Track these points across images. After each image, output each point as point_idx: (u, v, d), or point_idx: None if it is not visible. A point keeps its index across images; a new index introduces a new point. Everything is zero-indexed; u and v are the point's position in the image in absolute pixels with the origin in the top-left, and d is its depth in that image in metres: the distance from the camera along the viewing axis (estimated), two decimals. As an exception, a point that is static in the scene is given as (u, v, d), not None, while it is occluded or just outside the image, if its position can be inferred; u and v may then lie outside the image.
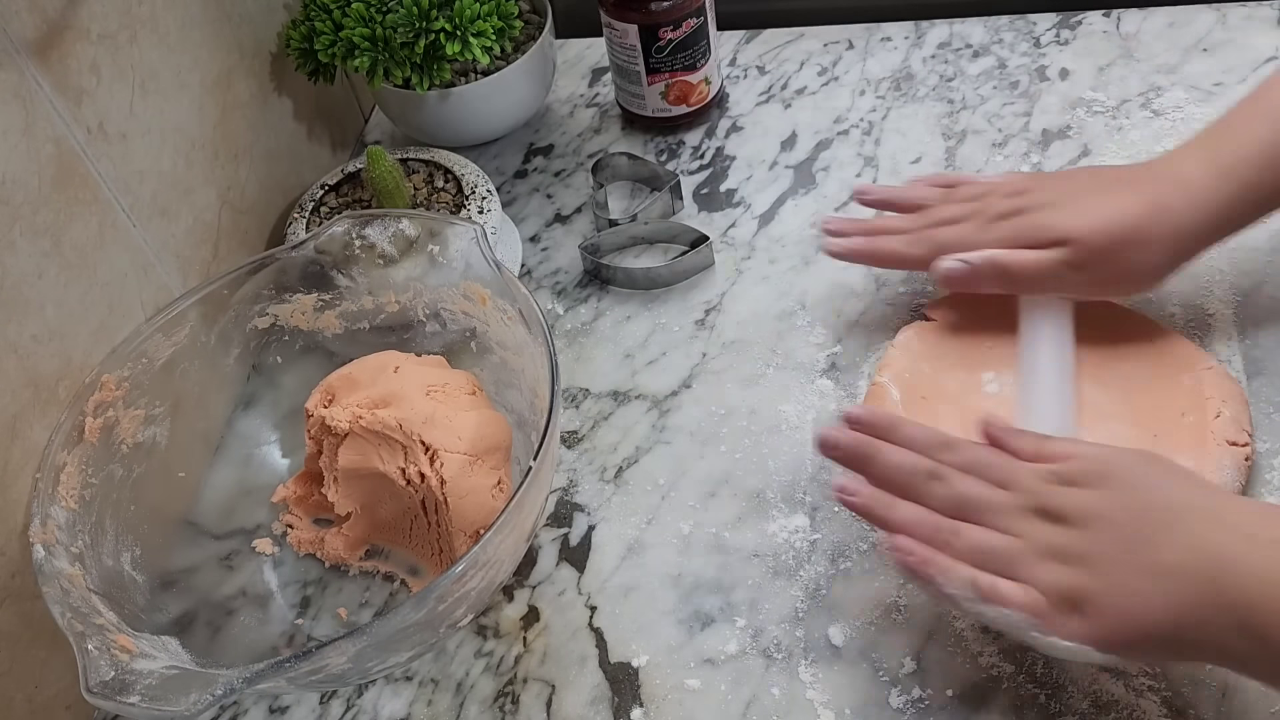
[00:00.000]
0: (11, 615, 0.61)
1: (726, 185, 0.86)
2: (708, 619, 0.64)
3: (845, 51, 0.94)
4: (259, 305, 0.70)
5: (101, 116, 0.66)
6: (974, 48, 0.92)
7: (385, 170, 0.76)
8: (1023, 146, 0.84)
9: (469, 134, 0.90)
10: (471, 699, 0.63)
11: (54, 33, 0.62)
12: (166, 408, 0.66)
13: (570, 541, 0.68)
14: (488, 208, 0.78)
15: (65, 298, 0.64)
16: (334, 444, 0.65)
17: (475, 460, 0.63)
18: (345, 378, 0.67)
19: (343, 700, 0.64)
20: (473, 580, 0.56)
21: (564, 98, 0.96)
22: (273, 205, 0.84)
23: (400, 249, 0.69)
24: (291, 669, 0.50)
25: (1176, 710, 0.57)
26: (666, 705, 0.61)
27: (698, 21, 0.84)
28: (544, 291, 0.81)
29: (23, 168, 0.60)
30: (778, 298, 0.78)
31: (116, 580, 0.60)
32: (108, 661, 0.50)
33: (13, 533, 0.60)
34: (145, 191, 0.70)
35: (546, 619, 0.65)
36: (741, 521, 0.67)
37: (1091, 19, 0.92)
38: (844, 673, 0.60)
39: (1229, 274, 0.72)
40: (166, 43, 0.72)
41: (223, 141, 0.78)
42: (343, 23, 0.80)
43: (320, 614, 0.67)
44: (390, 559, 0.68)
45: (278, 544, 0.69)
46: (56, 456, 0.60)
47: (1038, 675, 0.59)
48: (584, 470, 0.71)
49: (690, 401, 0.73)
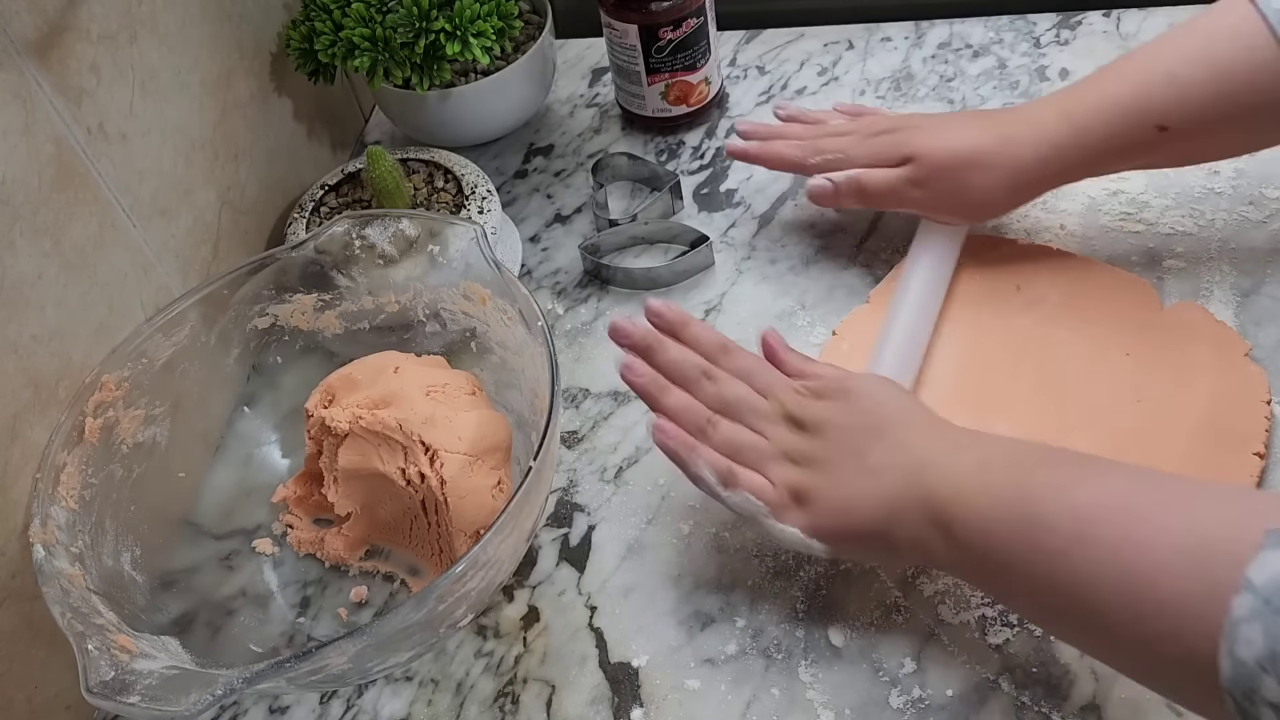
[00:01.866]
0: (11, 615, 0.61)
1: (726, 185, 0.86)
2: (708, 619, 0.64)
3: (845, 51, 0.94)
4: (259, 305, 0.70)
5: (101, 116, 0.66)
6: (974, 48, 0.92)
7: (385, 170, 0.76)
8: (1023, 146, 0.84)
9: (469, 134, 0.90)
10: (471, 699, 0.63)
11: (54, 33, 0.62)
12: (166, 408, 0.66)
13: (570, 541, 0.68)
14: (488, 208, 0.78)
15: (65, 298, 0.64)
16: (334, 444, 0.65)
17: (475, 460, 0.63)
18: (345, 378, 0.67)
19: (343, 700, 0.64)
20: (473, 580, 0.56)
21: (564, 98, 0.96)
22: (273, 205, 0.84)
23: (400, 249, 0.69)
24: (291, 669, 0.50)
25: (1176, 711, 0.57)
26: (666, 705, 0.61)
27: (698, 21, 0.84)
28: (544, 291, 0.81)
29: (23, 168, 0.60)
30: (778, 298, 0.78)
31: (116, 580, 0.60)
32: (108, 661, 0.50)
33: (13, 533, 0.60)
34: (145, 191, 0.70)
35: (546, 619, 0.65)
36: (741, 521, 0.67)
37: (1091, 19, 0.92)
38: (844, 673, 0.60)
39: (1229, 274, 0.72)
40: (166, 43, 0.72)
41: (223, 141, 0.78)
42: (343, 23, 0.80)
43: (320, 614, 0.67)
44: (390, 559, 0.68)
45: (278, 544, 0.69)
46: (56, 456, 0.60)
47: (1038, 676, 0.59)
48: (584, 470, 0.71)
49: (690, 401, 0.73)
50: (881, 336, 0.70)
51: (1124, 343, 0.69)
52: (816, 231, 0.81)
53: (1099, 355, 0.69)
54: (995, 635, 0.60)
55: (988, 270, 0.75)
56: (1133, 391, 0.67)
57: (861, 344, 0.72)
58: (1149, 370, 0.68)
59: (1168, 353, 0.68)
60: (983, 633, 0.61)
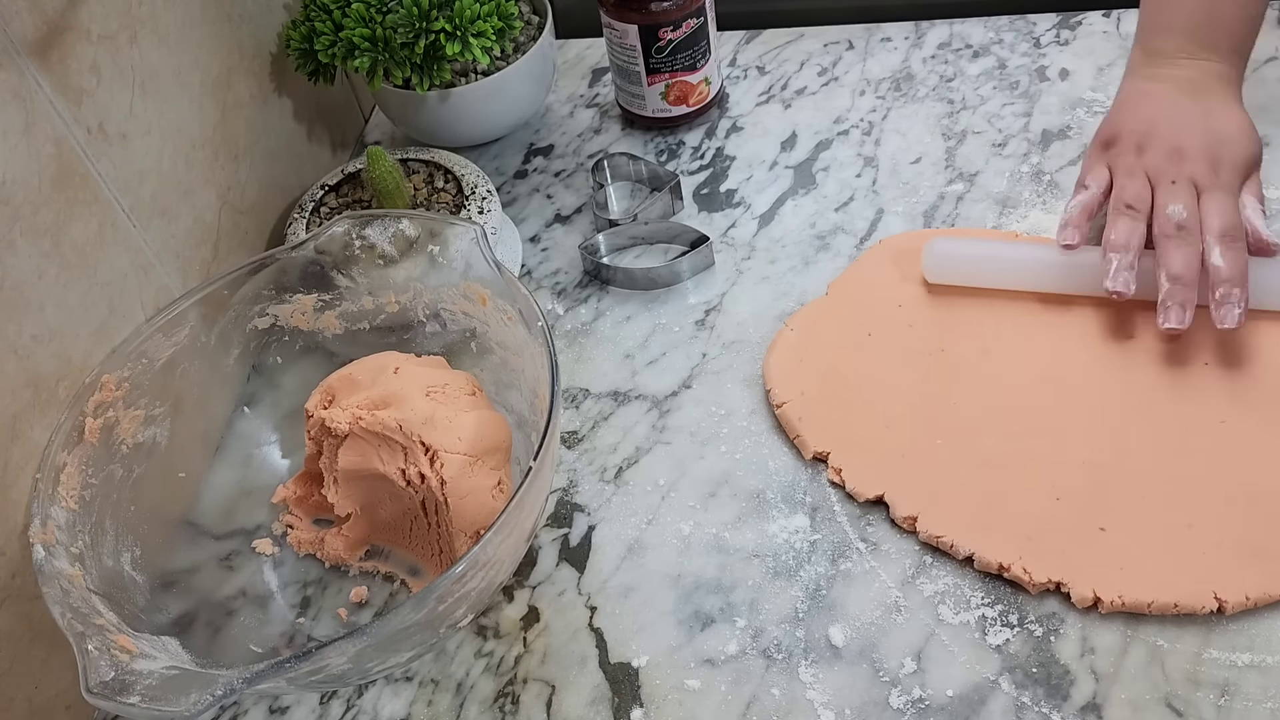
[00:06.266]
0: (12, 615, 0.61)
1: (726, 185, 0.86)
2: (708, 619, 0.64)
3: (845, 52, 0.94)
4: (259, 305, 0.70)
5: (101, 117, 0.66)
6: (974, 48, 0.92)
7: (385, 170, 0.76)
8: (1023, 147, 0.84)
9: (469, 134, 0.90)
10: (471, 699, 0.63)
11: (54, 33, 0.62)
12: (166, 408, 0.66)
13: (570, 542, 0.68)
14: (488, 208, 0.78)
15: (65, 298, 0.64)
16: (334, 445, 0.65)
17: (475, 461, 0.63)
18: (345, 378, 0.67)
19: (343, 700, 0.64)
20: (473, 580, 0.56)
21: (564, 98, 0.96)
22: (273, 205, 0.84)
23: (400, 249, 0.69)
24: (291, 669, 0.50)
25: (1176, 711, 0.57)
26: (666, 705, 0.61)
27: (698, 22, 0.84)
28: (544, 292, 0.81)
29: (23, 168, 0.60)
30: (778, 298, 0.78)
31: (116, 580, 0.60)
32: (108, 662, 0.50)
33: (13, 533, 0.60)
34: (145, 192, 0.70)
35: (546, 619, 0.65)
36: (741, 521, 0.67)
37: (1091, 19, 0.92)
38: (844, 673, 0.60)
39: (1229, 274, 0.72)
40: (166, 43, 0.72)
41: (223, 141, 0.78)
42: (343, 23, 0.80)
43: (320, 614, 0.67)
44: (390, 559, 0.68)
45: (278, 544, 0.69)
46: (56, 457, 0.60)
47: (1038, 676, 0.59)
48: (584, 470, 0.71)
49: (690, 401, 0.73)
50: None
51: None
52: (816, 231, 0.81)
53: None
54: (995, 635, 0.61)
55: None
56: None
57: (810, 334, 0.73)
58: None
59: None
60: (983, 633, 0.61)
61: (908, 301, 0.74)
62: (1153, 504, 0.63)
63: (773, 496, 0.68)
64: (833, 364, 0.72)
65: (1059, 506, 0.64)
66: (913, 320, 0.73)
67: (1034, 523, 0.63)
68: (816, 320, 0.75)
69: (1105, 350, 0.70)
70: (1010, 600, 0.62)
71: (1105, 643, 0.60)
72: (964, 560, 0.63)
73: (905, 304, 0.74)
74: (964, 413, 0.68)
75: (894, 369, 0.71)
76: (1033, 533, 0.63)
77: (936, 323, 0.73)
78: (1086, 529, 0.63)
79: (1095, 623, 0.60)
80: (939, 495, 0.65)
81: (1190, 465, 0.64)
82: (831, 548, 0.65)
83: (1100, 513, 0.63)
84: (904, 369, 0.71)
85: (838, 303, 0.76)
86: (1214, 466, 0.64)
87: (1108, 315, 0.71)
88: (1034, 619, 0.61)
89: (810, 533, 0.66)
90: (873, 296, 0.75)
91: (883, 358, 0.72)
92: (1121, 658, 0.59)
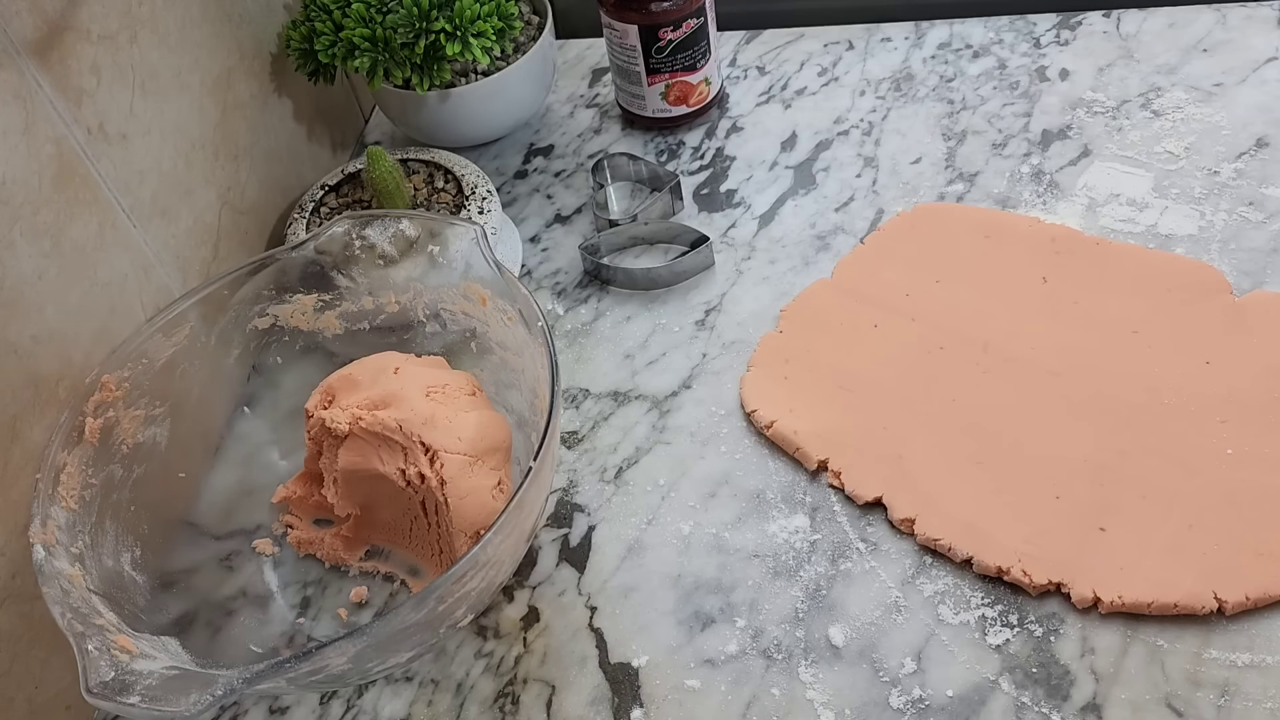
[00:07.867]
0: (12, 615, 0.61)
1: (726, 185, 0.86)
2: (708, 619, 0.64)
3: (845, 52, 0.94)
4: (259, 306, 0.70)
5: (101, 117, 0.66)
6: (974, 48, 0.92)
7: (385, 171, 0.76)
8: (1023, 147, 0.84)
9: (469, 134, 0.90)
10: (471, 699, 0.63)
11: (54, 33, 0.62)
12: (166, 408, 0.66)
13: (570, 542, 0.68)
14: (488, 208, 0.78)
15: (65, 298, 0.64)
16: (334, 445, 0.65)
17: (475, 461, 0.63)
18: (345, 378, 0.67)
19: (343, 700, 0.64)
20: (473, 581, 0.56)
21: (564, 98, 0.96)
22: (273, 205, 0.84)
23: (400, 249, 0.69)
24: (291, 669, 0.50)
25: (1177, 711, 0.57)
26: (666, 705, 0.61)
27: (698, 22, 0.84)
28: (544, 292, 0.81)
29: (23, 168, 0.60)
30: (778, 298, 0.78)
31: (116, 581, 0.60)
32: (108, 662, 0.50)
33: (13, 533, 0.60)
34: (145, 192, 0.70)
35: (546, 619, 0.65)
36: (741, 521, 0.67)
37: (1091, 19, 0.92)
38: (844, 673, 0.60)
39: (1229, 274, 0.72)
40: (166, 43, 0.72)
41: (223, 142, 0.78)
42: (343, 23, 0.80)
43: (320, 614, 0.67)
44: (390, 559, 0.68)
45: (278, 544, 0.69)
46: (56, 457, 0.60)
47: (1038, 676, 0.59)
48: (584, 470, 0.71)
49: (690, 401, 0.73)
50: None
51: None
52: (817, 232, 0.81)
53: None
54: (995, 635, 0.61)
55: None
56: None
57: (773, 374, 0.72)
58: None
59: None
60: (983, 633, 0.61)
61: (914, 291, 0.75)
62: (1153, 504, 0.63)
63: (773, 496, 0.68)
64: (825, 367, 0.72)
65: (1059, 506, 0.64)
66: (915, 314, 0.74)
67: (1033, 522, 0.63)
68: (775, 356, 0.74)
69: (1105, 350, 0.70)
70: (1010, 600, 0.62)
71: (1105, 643, 0.60)
72: (963, 561, 0.63)
73: (912, 293, 0.75)
74: (963, 412, 0.68)
75: (892, 368, 0.71)
76: (1032, 533, 0.63)
77: (934, 319, 0.73)
78: (1086, 529, 0.63)
79: (1095, 623, 0.60)
80: (937, 497, 0.65)
81: (1190, 465, 0.64)
82: (831, 548, 0.65)
83: (1100, 513, 0.63)
84: (902, 368, 0.71)
85: (795, 335, 0.75)
86: (1214, 466, 0.64)
87: (1108, 314, 0.71)
88: (1034, 619, 0.61)
89: (810, 533, 0.66)
90: (840, 312, 0.75)
91: (880, 357, 0.72)
92: (1121, 658, 0.59)
